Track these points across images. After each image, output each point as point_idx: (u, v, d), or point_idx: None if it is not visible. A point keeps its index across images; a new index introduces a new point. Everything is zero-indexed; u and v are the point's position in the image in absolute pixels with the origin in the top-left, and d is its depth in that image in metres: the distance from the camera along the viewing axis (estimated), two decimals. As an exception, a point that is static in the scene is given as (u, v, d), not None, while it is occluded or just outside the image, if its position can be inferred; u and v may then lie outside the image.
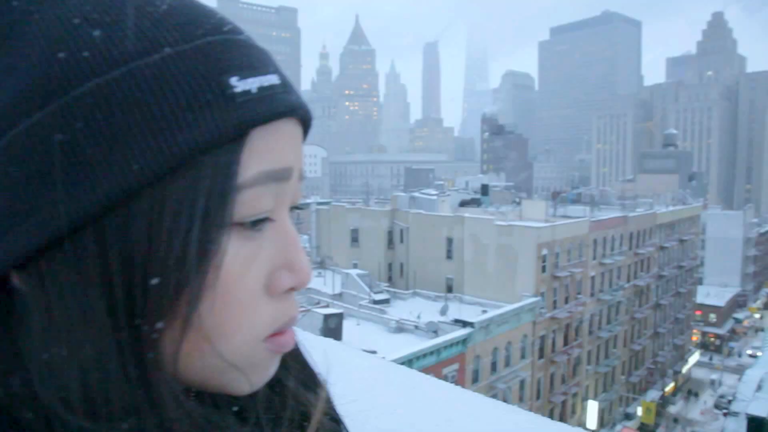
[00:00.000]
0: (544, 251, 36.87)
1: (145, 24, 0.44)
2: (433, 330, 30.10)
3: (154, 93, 0.40)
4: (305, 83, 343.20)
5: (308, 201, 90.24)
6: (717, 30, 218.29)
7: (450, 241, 40.94)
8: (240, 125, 0.45)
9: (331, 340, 2.02)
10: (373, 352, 25.12)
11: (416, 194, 49.80)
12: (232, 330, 0.47)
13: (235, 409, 0.56)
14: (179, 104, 0.41)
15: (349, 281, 38.89)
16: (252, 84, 0.47)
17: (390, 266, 46.35)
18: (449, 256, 40.99)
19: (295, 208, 0.56)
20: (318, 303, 35.73)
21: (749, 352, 72.34)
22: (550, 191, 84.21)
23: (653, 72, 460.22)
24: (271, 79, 0.50)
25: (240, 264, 0.48)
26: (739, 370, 48.92)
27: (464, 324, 29.87)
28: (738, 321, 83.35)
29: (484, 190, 57.43)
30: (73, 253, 0.36)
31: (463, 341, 29.29)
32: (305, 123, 0.56)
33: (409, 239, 44.00)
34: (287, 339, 0.53)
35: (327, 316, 28.75)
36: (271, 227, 0.51)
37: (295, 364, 0.64)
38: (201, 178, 0.43)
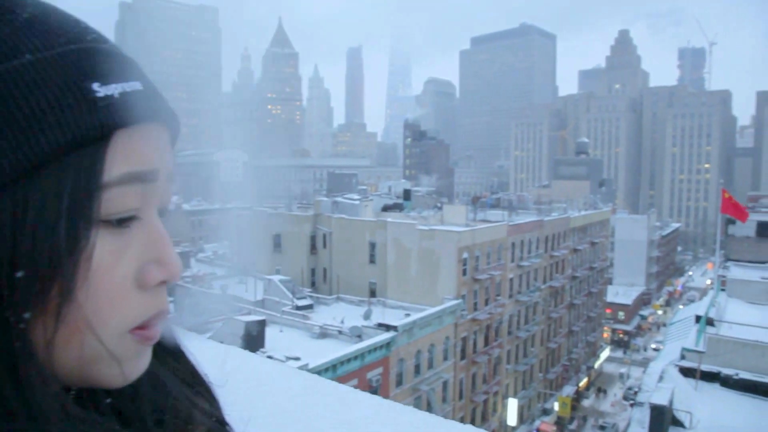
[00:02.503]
0: (465, 255, 37.66)
1: (5, 31, 0.47)
2: (357, 335, 30.05)
3: (14, 97, 0.43)
4: (226, 85, 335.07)
5: (229, 206, 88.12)
6: (623, 46, 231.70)
7: (373, 245, 41.06)
8: (102, 127, 0.48)
9: (231, 347, 1.94)
10: (297, 359, 24.70)
11: (339, 199, 49.63)
12: (101, 321, 0.49)
13: (118, 411, 0.56)
14: (40, 107, 0.44)
15: (271, 287, 38.21)
16: (114, 89, 0.50)
17: (313, 271, 45.93)
18: (372, 261, 41.09)
19: (164, 208, 0.60)
20: (239, 310, 34.87)
21: (653, 346, 77.00)
22: (470, 196, 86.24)
23: (567, 83, 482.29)
24: (134, 86, 0.53)
25: (108, 258, 0.50)
26: (645, 364, 51.91)
27: (388, 328, 29.99)
28: (643, 318, 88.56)
29: (407, 194, 58.13)
30: None
31: (387, 345, 29.40)
32: (173, 128, 0.59)
33: (332, 244, 43.78)
34: (155, 331, 0.55)
35: (249, 324, 28.09)
36: (139, 225, 0.54)
37: (180, 367, 0.65)
38: (65, 177, 0.45)
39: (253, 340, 27.94)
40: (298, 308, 35.67)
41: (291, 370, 1.74)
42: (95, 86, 0.48)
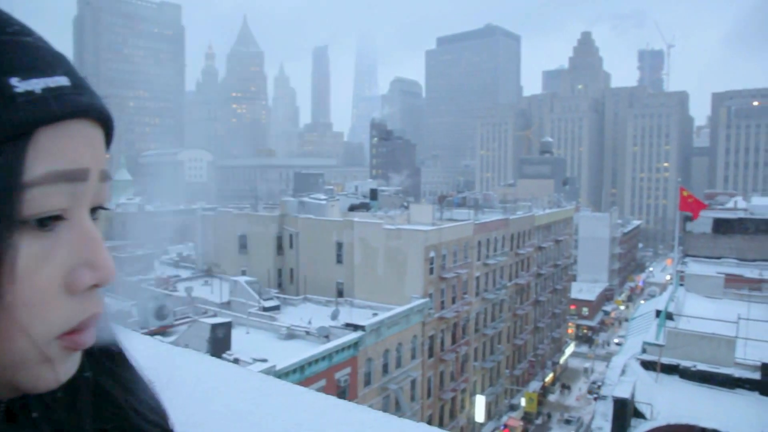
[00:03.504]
0: (432, 253, 37.86)
1: None
2: (325, 335, 29.95)
3: None
4: (190, 84, 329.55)
5: (194, 207, 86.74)
6: (586, 48, 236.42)
7: (340, 245, 40.96)
8: (21, 125, 0.46)
9: (182, 348, 1.89)
10: (264, 361, 24.45)
11: (306, 199, 49.35)
12: (26, 327, 0.47)
13: (54, 423, 0.54)
14: None
15: (237, 289, 37.81)
16: (36, 85, 0.48)
17: (280, 272, 45.57)
18: (339, 261, 40.99)
19: (99, 209, 0.57)
20: (205, 312, 34.43)
21: (616, 340, 78.73)
22: (437, 195, 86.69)
23: (531, 84, 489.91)
24: (59, 81, 0.50)
25: (31, 262, 0.48)
26: (608, 358, 53.06)
27: (355, 328, 29.95)
28: (606, 313, 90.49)
29: (373, 194, 58.13)
30: None
31: (355, 345, 29.36)
32: (106, 126, 0.57)
33: (299, 244, 43.52)
34: (86, 336, 0.53)
35: (214, 326, 27.73)
36: (67, 226, 0.51)
37: (122, 372, 0.63)
38: None
39: (219, 342, 27.60)
40: (265, 309, 35.40)
41: (243, 371, 1.72)
42: (14, 81, 0.46)
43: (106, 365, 0.59)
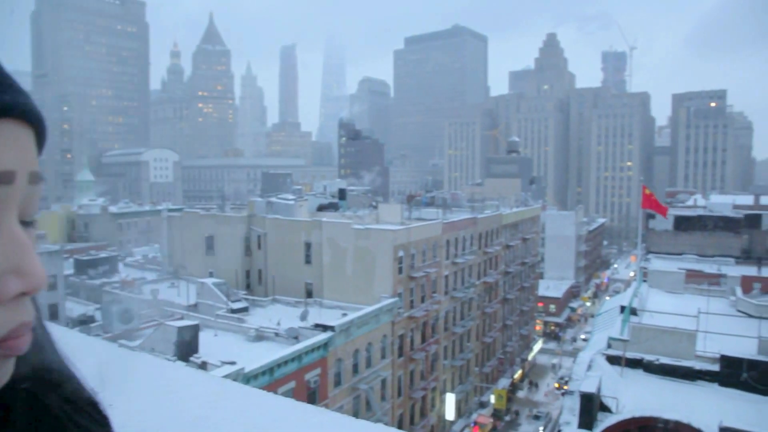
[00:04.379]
0: (401, 253, 37.93)
1: None
2: (294, 336, 29.75)
3: None
4: (155, 82, 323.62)
5: (159, 208, 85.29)
6: (551, 49, 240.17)
7: (308, 245, 40.74)
8: None
9: (137, 353, 1.84)
10: (232, 363, 24.12)
11: (273, 199, 48.96)
12: None
13: None
14: None
15: (204, 291, 37.31)
16: None
17: (248, 273, 45.12)
18: (308, 261, 40.77)
19: (26, 221, 0.54)
20: (171, 315, 33.90)
21: (582, 336, 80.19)
22: (405, 195, 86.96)
23: (498, 84, 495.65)
24: None
25: None
26: (575, 354, 54.02)
27: (325, 328, 29.82)
28: (573, 310, 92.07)
29: (342, 194, 58.00)
30: None
31: (325, 345, 29.23)
32: (36, 126, 0.54)
33: (267, 245, 43.14)
34: (17, 344, 0.51)
35: (181, 329, 27.30)
36: None
37: (63, 383, 0.60)
38: None
39: (186, 345, 27.18)
40: (233, 311, 35.02)
41: (202, 375, 1.67)
42: None
43: (44, 376, 0.56)
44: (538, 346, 75.83)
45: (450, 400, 45.87)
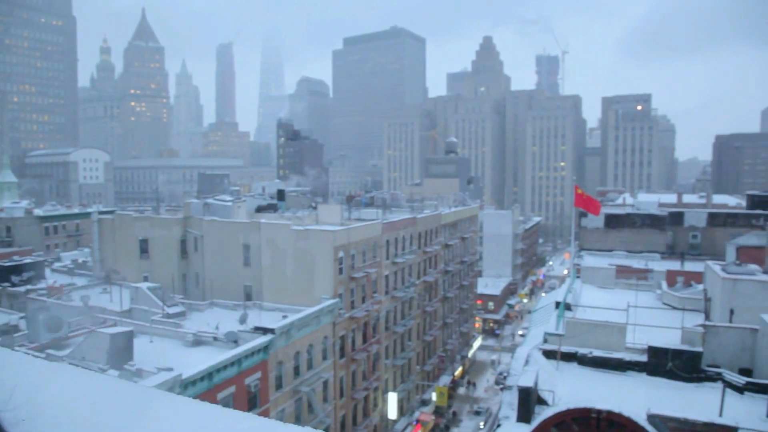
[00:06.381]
0: (341, 254, 37.83)
1: None
2: (233, 340, 29.14)
3: None
4: (83, 79, 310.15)
5: (89, 210, 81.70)
6: (487, 52, 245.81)
7: (247, 247, 40.04)
8: None
9: (55, 363, 1.74)
10: (169, 370, 23.36)
11: (210, 201, 47.86)
12: None
13: None
14: None
15: (139, 296, 36.04)
16: None
17: (184, 277, 43.92)
18: (247, 263, 40.07)
19: None
20: (104, 322, 32.64)
21: (520, 332, 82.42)
22: (345, 195, 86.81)
23: (436, 85, 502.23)
24: None
25: None
26: (513, 349, 55.43)
27: (265, 331, 29.36)
28: (511, 306, 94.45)
29: (281, 195, 57.34)
30: None
31: (265, 348, 28.79)
32: None
33: (204, 248, 42.12)
34: None
35: (114, 336, 26.24)
36: None
37: None
38: None
39: (120, 353, 26.15)
40: (169, 316, 34.03)
41: (123, 384, 1.59)
42: None
43: None
44: (477, 343, 77.29)
45: (392, 399, 46.10)
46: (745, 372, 20.18)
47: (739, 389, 18.64)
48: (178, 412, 1.20)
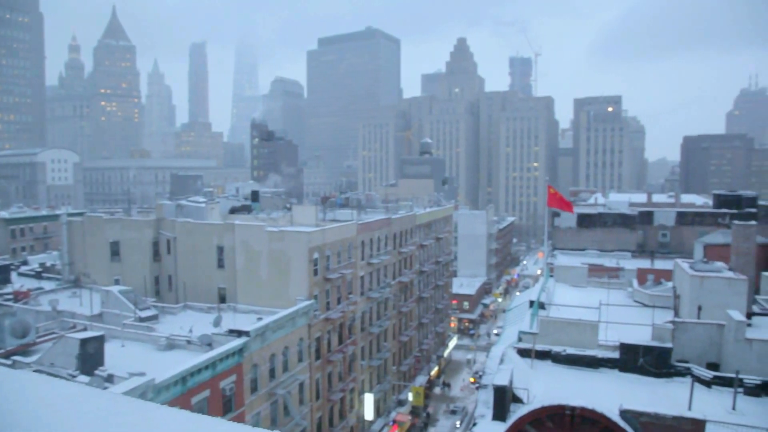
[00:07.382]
0: (316, 255, 37.67)
1: None
2: (207, 343, 28.81)
3: None
4: (51, 78, 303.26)
5: (58, 212, 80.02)
6: (462, 53, 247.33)
7: (221, 249, 39.62)
8: None
9: (20, 372, 1.68)
10: (141, 374, 22.99)
11: (183, 202, 47.25)
12: None
13: None
14: None
15: (110, 299, 35.42)
16: None
17: (157, 280, 43.26)
18: (221, 265, 39.65)
19: None
20: (73, 327, 31.98)
21: (495, 331, 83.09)
22: (319, 196, 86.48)
23: (411, 86, 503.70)
24: None
25: None
26: (488, 348, 55.72)
27: (239, 333, 29.08)
28: (486, 306, 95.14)
29: (255, 196, 56.89)
30: None
31: (240, 351, 28.51)
32: None
33: (177, 250, 41.56)
34: None
35: (84, 341, 25.72)
36: None
37: None
38: None
39: (91, 358, 25.63)
40: (142, 320, 33.50)
41: (91, 392, 1.55)
42: None
43: None
44: (453, 342, 77.68)
45: (369, 400, 46.06)
46: (713, 366, 20.67)
47: (707, 383, 19.08)
48: (148, 420, 1.17)
